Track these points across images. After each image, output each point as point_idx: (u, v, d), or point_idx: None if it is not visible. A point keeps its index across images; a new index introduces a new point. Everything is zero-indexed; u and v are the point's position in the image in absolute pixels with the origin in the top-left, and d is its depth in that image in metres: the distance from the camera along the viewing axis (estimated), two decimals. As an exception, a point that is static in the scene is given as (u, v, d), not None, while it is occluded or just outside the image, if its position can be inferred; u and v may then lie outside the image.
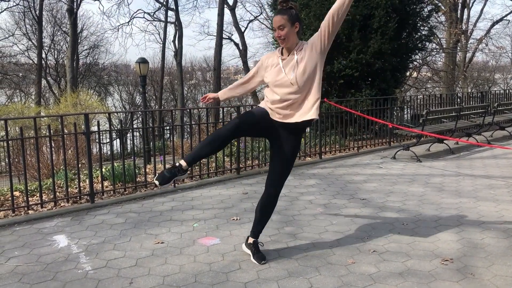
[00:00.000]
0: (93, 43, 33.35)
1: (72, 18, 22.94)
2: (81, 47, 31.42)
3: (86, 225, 4.35)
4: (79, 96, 18.10)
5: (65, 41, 29.76)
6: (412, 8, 10.14)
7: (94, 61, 34.09)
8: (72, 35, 23.16)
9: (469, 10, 25.74)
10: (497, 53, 28.67)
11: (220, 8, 19.45)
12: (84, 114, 5.26)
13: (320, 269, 3.25)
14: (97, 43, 33.66)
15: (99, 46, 33.84)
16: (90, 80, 33.79)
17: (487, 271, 3.18)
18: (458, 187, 5.55)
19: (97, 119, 15.31)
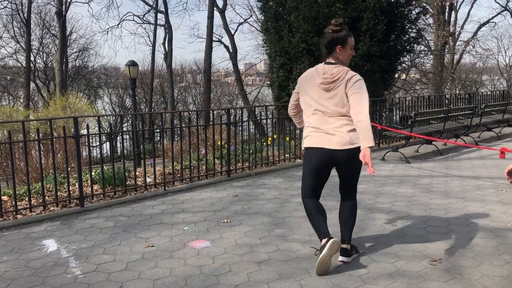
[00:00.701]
0: (82, 46, 33.19)
1: (61, 21, 22.80)
2: (70, 50, 31.21)
3: (75, 229, 4.33)
4: (68, 99, 17.98)
5: (54, 44, 29.55)
6: (400, 10, 10.24)
7: (84, 64, 33.90)
8: (61, 38, 23.02)
9: (456, 13, 26.04)
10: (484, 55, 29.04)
11: (210, 10, 19.44)
12: (73, 118, 5.23)
13: (310, 271, 3.27)
14: (87, 45, 33.51)
15: (88, 49, 33.70)
16: (79, 83, 33.56)
17: (475, 271, 3.22)
18: (447, 188, 5.60)
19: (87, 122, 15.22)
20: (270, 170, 6.95)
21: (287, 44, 9.81)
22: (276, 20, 10.32)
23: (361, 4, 9.31)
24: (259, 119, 7.59)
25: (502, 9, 28.18)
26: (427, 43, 22.20)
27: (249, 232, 4.14)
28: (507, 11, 28.00)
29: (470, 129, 9.29)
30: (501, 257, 3.45)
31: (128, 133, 16.72)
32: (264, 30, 10.90)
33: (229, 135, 6.58)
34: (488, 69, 39.10)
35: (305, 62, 9.50)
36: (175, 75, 36.70)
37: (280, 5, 10.28)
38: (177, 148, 7.46)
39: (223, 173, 6.57)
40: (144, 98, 34.85)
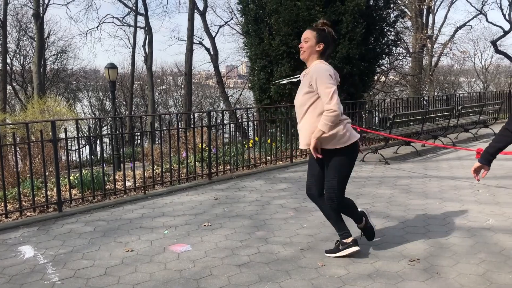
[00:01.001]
0: (61, 49, 32.78)
1: (38, 23, 22.45)
2: (48, 52, 30.80)
3: (53, 235, 4.26)
4: (46, 103, 17.72)
5: (31, 46, 29.10)
6: (379, 13, 10.37)
7: (62, 67, 33.46)
8: (38, 40, 22.66)
9: (434, 16, 26.52)
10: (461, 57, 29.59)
11: (190, 13, 19.40)
12: (51, 121, 5.15)
13: (291, 273, 3.28)
14: (65, 48, 33.11)
15: (67, 51, 33.29)
16: (58, 86, 33.11)
17: (452, 270, 3.27)
18: (425, 189, 5.69)
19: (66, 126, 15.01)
20: (252, 172, 6.95)
21: (267, 46, 9.85)
22: (257, 22, 10.35)
23: (340, 7, 9.40)
24: (241, 121, 7.59)
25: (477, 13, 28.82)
26: (405, 46, 22.53)
27: (230, 235, 4.13)
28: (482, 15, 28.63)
29: (448, 130, 9.45)
30: (477, 256, 3.51)
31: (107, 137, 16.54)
32: (245, 32, 10.92)
33: (210, 137, 6.56)
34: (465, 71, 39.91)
35: (285, 65, 9.55)
36: (156, 77, 36.49)
37: (260, 7, 10.32)
38: (158, 151, 7.41)
39: (204, 176, 6.55)
40: (124, 101, 34.55)
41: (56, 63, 32.73)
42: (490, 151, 2.88)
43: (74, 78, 35.50)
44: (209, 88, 42.92)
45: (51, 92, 28.68)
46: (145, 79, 31.82)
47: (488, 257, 3.48)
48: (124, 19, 33.04)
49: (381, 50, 10.70)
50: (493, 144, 2.87)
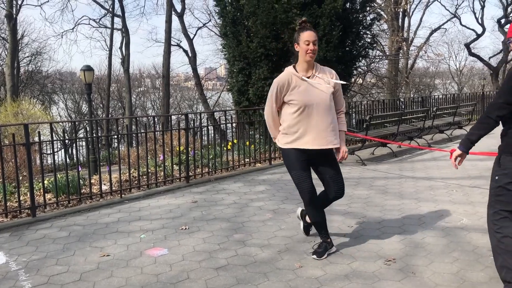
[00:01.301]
0: (35, 50, 32.10)
1: (11, 24, 21.99)
2: (22, 54, 30.15)
3: (26, 241, 4.16)
4: (20, 105, 17.35)
5: (4, 47, 28.42)
6: (355, 16, 10.49)
7: (37, 69, 32.78)
8: (11, 42, 22.19)
9: (409, 19, 26.98)
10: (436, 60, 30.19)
11: (168, 15, 19.29)
12: (24, 125, 5.04)
13: (269, 275, 3.28)
14: (40, 50, 32.44)
15: (42, 53, 32.63)
16: (32, 89, 32.43)
17: (427, 269, 3.33)
18: (401, 189, 5.77)
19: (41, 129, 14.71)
20: (230, 175, 6.94)
21: (245, 49, 9.85)
22: (234, 25, 10.34)
23: (317, 10, 9.47)
24: (219, 123, 7.56)
25: (451, 16, 29.44)
26: (382, 49, 22.84)
27: (208, 238, 4.11)
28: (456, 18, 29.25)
29: (423, 131, 9.61)
30: (451, 254, 3.58)
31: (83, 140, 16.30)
32: (223, 34, 10.90)
33: (188, 140, 6.52)
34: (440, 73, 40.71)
35: (263, 67, 9.57)
36: (133, 79, 36.13)
37: (238, 10, 10.31)
38: (135, 155, 7.32)
39: (182, 179, 6.50)
40: (101, 104, 34.08)
41: (30, 65, 32.08)
42: (472, 139, 2.87)
43: (49, 80, 34.83)
44: (188, 90, 42.71)
45: (25, 94, 28.11)
46: (122, 81, 31.48)
47: (461, 255, 3.55)
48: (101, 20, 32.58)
49: (357, 53, 10.81)
50: (475, 132, 2.86)
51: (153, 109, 39.29)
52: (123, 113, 32.81)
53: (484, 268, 3.31)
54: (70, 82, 38.28)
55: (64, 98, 37.48)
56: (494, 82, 27.08)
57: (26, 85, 30.92)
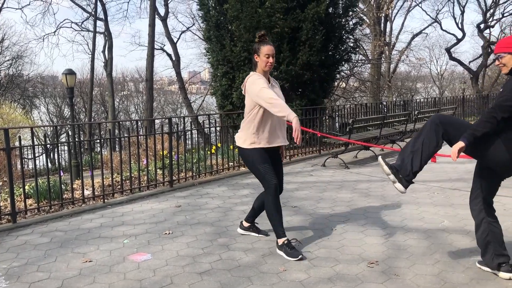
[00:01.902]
0: (16, 54, 31.65)
1: (-8, 27, 21.63)
2: (2, 57, 29.73)
3: (6, 247, 4.10)
4: (0, 110, 17.08)
5: (-16, 51, 27.95)
6: (338, 21, 10.59)
7: (18, 73, 32.31)
8: (-9, 45, 21.83)
9: (391, 24, 27.35)
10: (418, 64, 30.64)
11: (151, 18, 19.19)
12: (4, 129, 4.97)
13: (253, 279, 3.29)
14: (21, 53, 31.98)
15: (23, 56, 32.16)
16: (13, 93, 31.94)
17: (409, 271, 3.37)
18: (383, 192, 5.83)
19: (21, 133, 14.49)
20: (215, 179, 6.92)
21: (229, 53, 9.88)
22: (218, 29, 10.36)
23: (300, 15, 9.54)
24: (203, 127, 7.55)
25: (432, 21, 29.91)
26: (364, 53, 23.09)
27: (192, 242, 4.10)
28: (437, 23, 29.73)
29: (405, 134, 9.73)
30: (432, 256, 3.63)
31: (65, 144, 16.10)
32: (206, 38, 10.91)
33: (171, 144, 6.50)
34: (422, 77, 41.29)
35: (247, 71, 9.58)
36: (116, 83, 35.86)
37: (221, 14, 10.34)
38: (117, 159, 7.27)
39: (165, 183, 6.47)
40: (83, 108, 33.75)
41: (11, 69, 31.60)
42: (477, 135, 2.90)
43: (30, 84, 34.35)
44: (171, 94, 42.56)
45: (5, 98, 27.65)
46: (105, 85, 31.20)
47: (443, 257, 3.61)
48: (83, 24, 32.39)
49: (340, 57, 10.92)
50: (480, 129, 2.90)
51: (137, 113, 39.04)
52: (106, 117, 32.51)
53: (465, 269, 3.37)
54: (52, 86, 37.83)
55: (46, 102, 37.03)
56: (474, 86, 27.58)
57: (7, 89, 30.44)
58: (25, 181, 5.40)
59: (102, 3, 25.29)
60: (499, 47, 3.04)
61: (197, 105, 32.71)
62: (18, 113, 19.25)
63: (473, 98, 16.23)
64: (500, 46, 3.05)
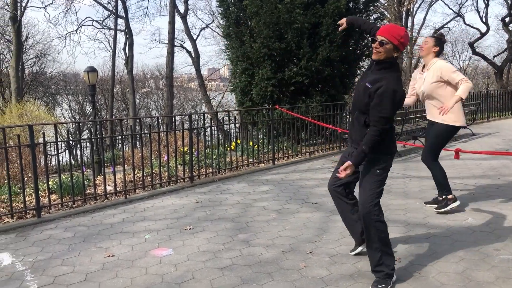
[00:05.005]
0: (39, 52, 32.19)
1: (16, 26, 22.09)
2: (26, 56, 30.25)
3: (32, 241, 4.18)
4: (25, 107, 17.41)
5: (9, 49, 28.53)
6: (359, 16, 10.46)
7: (41, 70, 32.91)
8: (16, 44, 22.29)
9: (413, 18, 26.92)
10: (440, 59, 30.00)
11: (171, 16, 19.31)
12: (29, 126, 5.06)
13: (273, 275, 3.28)
14: (44, 51, 32.53)
15: (45, 54, 32.72)
16: (37, 90, 32.56)
17: (432, 268, 3.32)
18: (405, 189, 5.75)
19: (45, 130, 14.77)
20: (234, 175, 6.94)
21: (248, 49, 9.85)
22: (238, 25, 10.34)
23: (321, 10, 9.46)
24: (223, 124, 7.57)
25: (455, 15, 29.33)
26: (385, 48, 22.77)
27: (212, 238, 4.12)
28: (460, 17, 29.14)
29: (427, 131, 9.57)
30: (456, 254, 3.56)
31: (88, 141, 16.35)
32: (226, 35, 10.90)
33: (192, 140, 6.53)
34: (444, 73, 40.38)
35: (266, 67, 9.57)
36: (137, 80, 36.22)
37: (241, 10, 10.31)
38: (139, 155, 7.34)
39: (186, 179, 6.51)
40: (105, 105, 34.18)
41: (34, 67, 32.18)
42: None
43: (53, 81, 34.95)
44: (191, 91, 42.78)
45: (29, 96, 28.20)
46: (126, 82, 31.55)
47: (467, 255, 3.54)
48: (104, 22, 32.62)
49: (361, 52, 10.79)
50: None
51: (157, 109, 39.38)
52: (127, 114, 32.90)
53: (490, 267, 3.30)
54: (74, 84, 38.39)
55: (68, 99, 37.64)
56: (499, 81, 26.96)
57: (31, 87, 31.04)
58: (49, 176, 5.49)
59: (122, 1, 25.56)
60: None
61: (217, 102, 32.84)
62: (41, 110, 19.58)
63: (497, 94, 15.85)
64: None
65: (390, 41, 2.95)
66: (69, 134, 6.17)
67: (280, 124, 8.65)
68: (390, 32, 2.95)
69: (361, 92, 3.04)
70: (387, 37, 2.94)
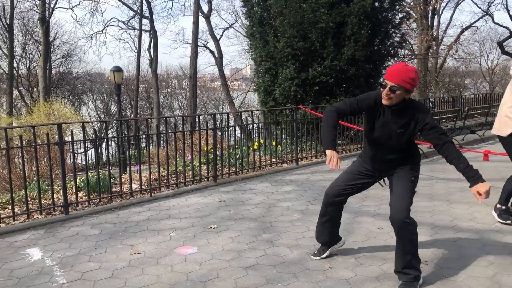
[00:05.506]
0: (66, 52, 32.84)
1: (44, 27, 22.59)
2: (53, 56, 30.90)
3: (60, 237, 4.27)
4: (52, 106, 17.77)
5: (37, 50, 29.20)
6: (384, 15, 10.34)
7: (68, 70, 33.56)
8: (44, 44, 22.80)
9: (439, 17, 26.44)
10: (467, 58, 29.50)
11: (195, 16, 19.44)
12: (57, 124, 5.17)
13: (298, 275, 3.27)
14: (70, 51, 33.16)
15: (72, 54, 33.35)
16: (63, 89, 33.21)
17: (461, 272, 3.25)
18: (432, 191, 5.66)
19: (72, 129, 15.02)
20: (257, 175, 6.94)
21: (272, 49, 9.84)
22: (261, 25, 10.34)
23: (345, 9, 9.38)
24: (246, 124, 7.58)
25: (483, 14, 28.67)
26: (411, 48, 22.46)
27: (236, 237, 4.13)
28: (488, 16, 28.49)
29: (454, 132, 9.40)
30: (486, 258, 3.48)
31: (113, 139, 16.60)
32: (249, 35, 10.91)
33: (215, 140, 6.56)
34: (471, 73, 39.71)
35: (290, 67, 9.54)
36: (161, 80, 36.58)
37: (265, 10, 10.31)
38: (163, 154, 7.41)
39: (209, 178, 6.54)
40: (129, 104, 34.62)
41: (61, 67, 32.83)
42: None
43: (79, 81, 35.59)
44: (214, 91, 42.98)
45: (56, 95, 28.78)
46: (150, 82, 31.90)
47: (497, 259, 3.46)
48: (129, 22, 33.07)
49: (386, 52, 10.66)
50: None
51: (180, 109, 39.70)
52: (151, 113, 33.26)
53: (520, 272, 3.22)
54: (99, 83, 39.01)
55: (94, 98, 38.26)
56: (528, 81, 26.25)
57: (58, 86, 31.68)
58: (76, 174, 5.59)
59: (147, 2, 25.85)
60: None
61: (239, 101, 32.90)
62: (67, 109, 19.95)
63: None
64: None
65: (401, 86, 2.83)
66: (96, 133, 6.28)
67: (303, 124, 8.61)
68: (401, 77, 2.81)
69: (393, 137, 3.02)
70: (398, 83, 2.82)
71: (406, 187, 3.04)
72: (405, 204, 2.97)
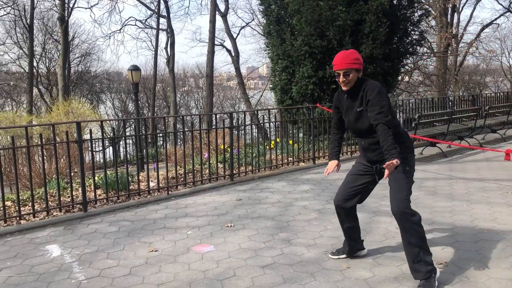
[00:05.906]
0: (84, 51, 33.25)
1: (63, 26, 22.89)
2: (72, 55, 31.30)
3: (79, 234, 4.31)
4: (71, 104, 18.01)
5: (57, 49, 29.63)
6: (403, 13, 10.22)
7: (86, 69, 33.97)
8: (63, 43, 23.10)
9: (459, 15, 25.99)
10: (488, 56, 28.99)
11: (212, 15, 19.47)
12: (76, 123, 5.23)
13: (315, 275, 3.24)
14: (89, 50, 33.56)
15: (90, 53, 33.75)
16: (82, 88, 33.64)
17: (482, 273, 3.19)
18: (451, 191, 5.57)
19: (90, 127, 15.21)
20: (274, 173, 6.92)
21: (289, 47, 9.80)
22: (278, 23, 10.31)
23: (363, 7, 9.29)
24: (262, 122, 7.56)
25: (505, 11, 28.10)
26: (430, 45, 22.15)
27: (253, 236, 4.12)
28: (510, 13, 27.93)
29: (475, 131, 9.24)
30: (507, 259, 3.41)
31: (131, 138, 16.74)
32: (266, 33, 10.89)
33: (232, 138, 6.56)
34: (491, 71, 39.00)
35: (307, 65, 9.49)
36: (178, 79, 36.77)
37: (282, 8, 10.28)
38: (180, 152, 7.44)
39: (226, 177, 6.55)
40: (146, 103, 34.92)
41: (80, 66, 33.27)
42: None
43: (97, 80, 35.99)
44: (230, 90, 43.06)
45: (75, 94, 29.18)
46: (167, 81, 32.10)
47: (519, 261, 3.38)
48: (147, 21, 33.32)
49: (405, 50, 10.53)
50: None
51: (197, 108, 39.87)
52: (167, 112, 33.48)
53: (544, 274, 3.14)
54: (117, 82, 39.41)
55: (111, 97, 38.66)
56: (551, 80, 25.68)
57: (76, 85, 32.10)
58: (94, 172, 5.65)
59: (165, 1, 25.97)
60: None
61: (255, 100, 32.90)
62: (86, 108, 20.19)
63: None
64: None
65: (351, 69, 3.08)
66: (114, 131, 6.34)
67: (320, 123, 8.56)
68: (346, 62, 3.08)
69: (359, 120, 3.16)
70: (346, 67, 3.08)
71: (401, 179, 3.06)
72: (402, 195, 3.00)
